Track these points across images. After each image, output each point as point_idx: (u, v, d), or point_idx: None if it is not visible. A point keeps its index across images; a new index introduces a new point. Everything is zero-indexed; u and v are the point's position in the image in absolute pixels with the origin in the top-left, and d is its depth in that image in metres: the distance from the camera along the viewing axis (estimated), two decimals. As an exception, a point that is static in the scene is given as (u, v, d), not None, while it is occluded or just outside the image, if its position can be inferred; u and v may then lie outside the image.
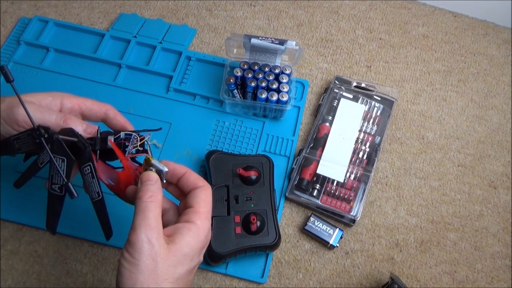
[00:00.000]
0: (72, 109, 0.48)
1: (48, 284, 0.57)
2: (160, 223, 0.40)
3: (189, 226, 0.40)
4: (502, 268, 0.63)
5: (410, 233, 0.64)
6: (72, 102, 0.48)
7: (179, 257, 0.39)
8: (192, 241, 0.40)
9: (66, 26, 0.74)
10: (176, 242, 0.39)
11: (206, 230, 0.42)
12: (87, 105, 0.49)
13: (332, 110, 0.69)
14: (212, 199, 0.44)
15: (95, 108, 0.49)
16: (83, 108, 0.49)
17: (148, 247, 0.38)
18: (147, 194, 0.40)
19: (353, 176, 0.64)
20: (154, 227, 0.38)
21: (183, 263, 0.39)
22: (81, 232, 0.59)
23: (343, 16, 0.81)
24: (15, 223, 0.60)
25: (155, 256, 0.38)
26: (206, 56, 0.73)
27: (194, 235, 0.40)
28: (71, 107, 0.48)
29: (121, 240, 0.59)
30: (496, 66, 0.79)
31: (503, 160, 0.70)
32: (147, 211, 0.39)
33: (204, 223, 0.41)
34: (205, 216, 0.42)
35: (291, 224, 0.63)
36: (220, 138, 0.67)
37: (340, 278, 0.60)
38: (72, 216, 0.60)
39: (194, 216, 0.41)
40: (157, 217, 0.40)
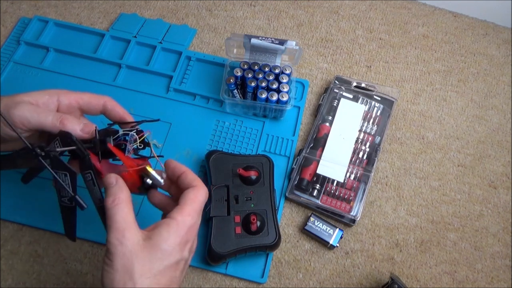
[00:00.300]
0: (69, 106, 0.48)
1: (48, 284, 0.57)
2: (131, 221, 0.40)
3: (168, 221, 0.41)
4: (502, 268, 0.63)
5: (410, 233, 0.64)
6: (69, 98, 0.48)
7: (155, 253, 0.39)
8: (170, 236, 0.40)
9: (66, 26, 0.74)
10: (153, 238, 0.40)
11: (187, 226, 0.41)
12: (84, 99, 0.49)
13: (332, 110, 0.69)
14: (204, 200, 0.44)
15: (92, 102, 0.49)
16: (80, 103, 0.49)
17: (120, 248, 0.38)
18: (109, 199, 0.41)
19: (353, 176, 0.64)
20: (123, 228, 0.39)
21: (161, 259, 0.39)
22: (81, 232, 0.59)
23: (343, 16, 0.81)
24: (15, 223, 0.60)
25: (129, 255, 0.38)
26: (206, 56, 0.73)
27: (173, 231, 0.40)
28: (68, 104, 0.48)
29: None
30: (496, 66, 0.79)
31: (503, 160, 0.70)
32: (113, 215, 0.40)
33: (185, 219, 0.41)
34: (187, 213, 0.41)
35: (291, 224, 0.63)
36: (220, 138, 0.67)
37: (340, 278, 0.60)
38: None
39: (175, 213, 0.41)
40: (125, 217, 0.40)
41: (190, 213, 0.42)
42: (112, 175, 0.43)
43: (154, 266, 0.39)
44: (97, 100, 0.49)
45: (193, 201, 0.43)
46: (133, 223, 0.40)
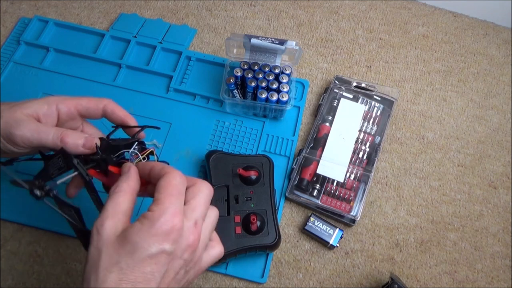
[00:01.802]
0: (69, 113, 0.47)
1: (48, 284, 0.57)
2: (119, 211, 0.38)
3: (144, 213, 0.37)
4: (502, 268, 0.63)
5: (410, 233, 0.64)
6: (68, 105, 0.47)
7: (124, 246, 0.36)
8: (142, 227, 0.36)
9: (66, 26, 0.74)
10: (127, 230, 0.37)
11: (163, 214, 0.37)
12: (82, 105, 0.48)
13: (332, 110, 0.69)
14: (177, 182, 0.39)
15: (91, 107, 0.48)
16: (79, 109, 0.48)
17: (96, 238, 0.37)
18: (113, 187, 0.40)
19: (353, 176, 0.64)
20: (106, 216, 0.37)
21: (131, 252, 0.36)
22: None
23: (343, 16, 0.81)
24: (15, 223, 0.60)
25: (100, 246, 0.36)
26: (206, 56, 0.73)
27: (146, 222, 0.36)
28: (67, 111, 0.47)
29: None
30: (496, 66, 0.79)
31: (503, 160, 0.70)
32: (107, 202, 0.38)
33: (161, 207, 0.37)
34: (162, 201, 0.38)
35: (291, 224, 0.63)
36: (220, 138, 0.67)
37: (340, 278, 0.60)
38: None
39: (151, 205, 0.38)
40: (115, 205, 0.38)
41: (166, 199, 0.38)
42: (128, 165, 0.42)
43: (121, 259, 0.35)
44: (95, 105, 0.48)
45: (165, 187, 0.39)
46: (121, 213, 0.38)
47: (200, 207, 0.40)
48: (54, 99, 0.47)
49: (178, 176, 0.40)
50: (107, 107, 0.48)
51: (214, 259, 0.43)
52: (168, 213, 0.37)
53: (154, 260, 0.36)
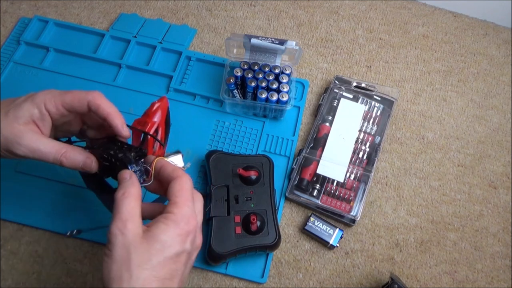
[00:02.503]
0: (58, 112, 0.46)
1: (48, 284, 0.57)
2: (136, 214, 0.40)
3: (166, 215, 0.41)
4: (502, 268, 0.63)
5: (410, 233, 0.64)
6: (54, 104, 0.46)
7: (154, 244, 0.39)
8: (168, 228, 0.40)
9: (66, 26, 0.74)
10: (152, 230, 0.39)
11: (186, 217, 0.41)
12: (67, 102, 0.46)
13: (332, 110, 0.69)
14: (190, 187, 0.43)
15: (75, 104, 0.46)
16: (65, 106, 0.46)
17: (120, 238, 0.38)
18: (120, 192, 0.41)
19: (353, 176, 0.64)
20: (126, 219, 0.39)
21: (160, 250, 0.39)
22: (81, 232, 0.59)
23: (343, 16, 0.81)
24: (15, 223, 0.60)
25: (128, 246, 0.38)
26: (206, 56, 0.73)
27: (170, 222, 0.40)
28: (56, 111, 0.46)
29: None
30: (496, 66, 0.79)
31: (503, 160, 0.70)
32: (120, 206, 0.40)
33: (181, 210, 0.41)
34: (181, 204, 0.41)
35: (291, 224, 0.63)
36: (220, 138, 0.67)
37: (340, 278, 0.60)
38: (73, 216, 0.60)
39: (170, 207, 0.41)
40: (131, 209, 0.40)
41: (185, 203, 0.41)
42: (126, 171, 0.43)
43: (153, 257, 0.38)
44: (79, 102, 0.46)
45: (181, 191, 0.42)
46: (138, 216, 0.40)
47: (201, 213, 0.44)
48: (41, 99, 0.45)
49: (189, 181, 0.44)
50: (91, 104, 0.46)
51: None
52: (189, 216, 0.41)
53: (178, 258, 0.40)
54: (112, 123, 0.46)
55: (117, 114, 0.47)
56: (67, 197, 0.61)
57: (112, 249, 0.38)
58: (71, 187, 0.61)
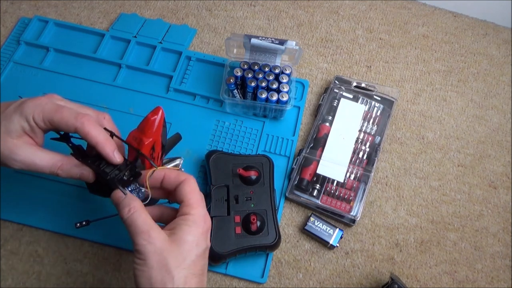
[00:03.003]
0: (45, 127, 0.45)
1: (48, 284, 0.57)
2: (152, 223, 0.42)
3: (185, 217, 0.43)
4: (502, 268, 0.63)
5: (410, 233, 0.64)
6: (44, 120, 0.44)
7: (183, 245, 0.41)
8: (191, 229, 0.42)
9: (66, 26, 0.74)
10: (177, 233, 0.42)
11: (202, 216, 0.44)
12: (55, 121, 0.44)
13: (332, 110, 0.69)
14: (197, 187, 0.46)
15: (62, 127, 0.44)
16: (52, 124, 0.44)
17: (150, 247, 0.40)
18: (124, 210, 0.42)
19: (353, 176, 0.64)
20: (146, 230, 0.41)
21: (190, 250, 0.42)
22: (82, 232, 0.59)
23: (343, 16, 0.81)
24: (15, 223, 0.60)
25: (161, 251, 0.40)
26: (206, 56, 0.73)
27: (192, 223, 0.43)
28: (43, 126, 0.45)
29: (121, 240, 0.59)
30: (496, 66, 0.79)
31: (503, 160, 0.70)
32: (133, 221, 0.41)
33: (198, 211, 0.44)
34: (196, 205, 0.44)
35: (291, 224, 0.63)
36: (220, 138, 0.67)
37: (340, 278, 0.60)
38: (73, 216, 0.60)
39: (187, 209, 0.44)
40: (145, 220, 0.42)
41: (199, 204, 0.44)
42: (118, 191, 0.44)
43: (186, 257, 0.41)
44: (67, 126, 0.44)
45: (192, 193, 0.45)
46: (155, 224, 0.42)
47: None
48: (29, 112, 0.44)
49: (194, 180, 0.46)
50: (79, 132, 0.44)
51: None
52: (205, 215, 0.44)
53: (205, 254, 0.44)
54: (103, 152, 0.44)
55: (106, 142, 0.44)
56: (67, 197, 0.61)
57: (146, 258, 0.40)
58: (71, 187, 0.61)
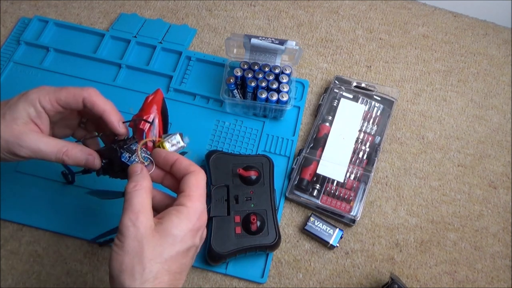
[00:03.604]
0: (53, 109, 0.46)
1: (48, 284, 0.57)
2: (147, 207, 0.40)
3: (178, 208, 0.41)
4: (502, 268, 0.63)
5: (410, 233, 0.64)
6: (49, 101, 0.45)
7: (166, 238, 0.39)
8: (181, 222, 0.40)
9: (66, 26, 0.74)
10: (164, 223, 0.39)
11: (198, 212, 0.41)
12: (62, 99, 0.46)
13: (332, 110, 0.69)
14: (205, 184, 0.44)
15: (70, 101, 0.46)
16: (60, 103, 0.46)
17: (133, 230, 0.38)
18: (131, 184, 0.41)
19: (353, 176, 0.64)
20: (138, 211, 0.39)
21: (172, 244, 0.39)
22: (81, 232, 0.59)
23: (343, 16, 0.81)
24: (15, 223, 0.60)
25: (141, 238, 0.38)
26: (206, 56, 0.73)
27: (183, 217, 0.40)
28: (51, 108, 0.46)
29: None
30: (496, 66, 0.79)
31: (503, 160, 0.70)
32: (131, 199, 0.40)
33: (195, 205, 0.41)
34: (196, 199, 0.41)
35: (291, 224, 0.63)
36: (220, 138, 0.67)
37: (340, 278, 0.60)
38: (73, 216, 0.60)
39: (184, 199, 0.41)
40: (142, 202, 0.40)
41: (199, 199, 0.42)
42: (137, 165, 0.44)
43: (165, 251, 0.38)
44: (74, 98, 0.46)
45: (197, 186, 0.42)
46: (149, 209, 0.40)
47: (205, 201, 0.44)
48: (34, 96, 0.45)
49: (204, 177, 0.44)
50: (86, 101, 0.46)
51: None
52: (201, 212, 0.41)
53: (188, 252, 0.41)
54: (108, 119, 0.46)
55: (113, 110, 0.47)
56: (67, 197, 0.61)
57: (124, 241, 0.38)
58: (71, 187, 0.61)
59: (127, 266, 0.37)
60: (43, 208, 0.60)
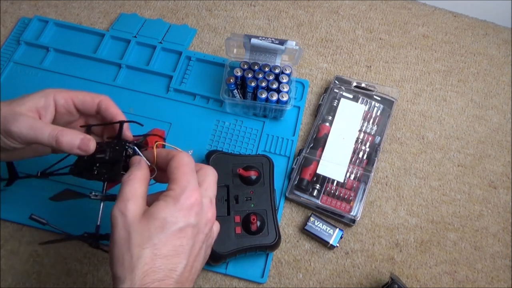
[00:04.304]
0: (65, 106, 0.48)
1: (48, 284, 0.57)
2: (138, 195, 0.40)
3: (165, 192, 0.40)
4: (502, 268, 0.63)
5: (410, 233, 0.64)
6: (65, 97, 0.47)
7: (153, 222, 0.38)
8: (167, 204, 0.39)
9: (66, 26, 0.74)
10: (151, 209, 0.39)
11: (185, 191, 0.40)
12: (79, 98, 0.48)
13: (332, 110, 0.69)
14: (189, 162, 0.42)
15: (87, 100, 0.48)
16: (75, 101, 0.48)
17: (121, 219, 0.38)
18: (126, 175, 0.41)
19: (353, 176, 0.64)
20: (127, 199, 0.39)
21: (160, 227, 0.38)
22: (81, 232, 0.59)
23: (343, 16, 0.81)
24: (15, 223, 0.60)
25: (128, 226, 0.37)
26: (206, 56, 0.73)
27: (170, 199, 0.39)
28: (64, 103, 0.47)
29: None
30: (496, 66, 0.79)
31: (503, 160, 0.70)
32: (123, 188, 0.40)
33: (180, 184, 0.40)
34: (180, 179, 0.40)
35: (291, 224, 0.63)
36: (220, 138, 0.67)
37: (340, 278, 0.60)
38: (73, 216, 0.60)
39: (170, 184, 0.41)
40: (133, 190, 0.40)
41: (183, 177, 0.40)
42: (137, 157, 0.44)
43: (153, 235, 0.37)
44: (91, 99, 0.48)
45: (179, 168, 0.41)
46: (140, 197, 0.40)
47: (211, 187, 0.43)
48: (51, 91, 0.47)
49: (186, 156, 0.42)
50: (102, 103, 0.48)
51: (216, 234, 0.46)
52: (188, 189, 0.40)
53: (183, 233, 0.39)
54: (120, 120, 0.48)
55: (123, 117, 0.48)
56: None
57: (114, 231, 0.38)
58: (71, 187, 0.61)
59: (118, 257, 0.37)
60: (43, 208, 0.60)
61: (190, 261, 0.39)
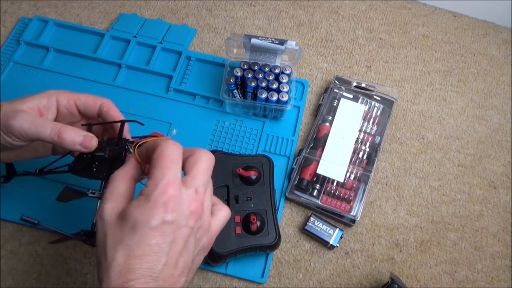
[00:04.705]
0: (68, 106, 0.48)
1: (48, 284, 0.57)
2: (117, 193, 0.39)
3: (141, 190, 0.38)
4: (502, 268, 0.63)
5: (410, 233, 0.64)
6: (67, 98, 0.48)
7: (126, 222, 0.36)
8: (139, 203, 0.37)
9: (66, 26, 0.75)
10: (126, 208, 0.37)
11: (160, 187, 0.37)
12: (81, 99, 0.49)
13: (332, 110, 0.69)
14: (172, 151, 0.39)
15: (89, 102, 0.49)
16: (78, 102, 0.48)
17: (100, 223, 0.38)
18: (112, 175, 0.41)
19: (353, 176, 0.64)
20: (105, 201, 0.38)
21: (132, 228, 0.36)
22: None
23: (343, 16, 0.81)
24: (15, 223, 0.60)
25: (105, 229, 0.37)
26: (206, 56, 0.73)
27: (142, 197, 0.37)
28: (66, 104, 0.48)
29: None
30: (496, 66, 0.79)
31: (503, 160, 0.70)
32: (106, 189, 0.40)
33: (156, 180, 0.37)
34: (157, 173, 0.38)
35: (291, 224, 0.63)
36: (220, 138, 0.67)
37: (340, 278, 0.60)
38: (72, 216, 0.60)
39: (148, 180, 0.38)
40: (112, 190, 0.39)
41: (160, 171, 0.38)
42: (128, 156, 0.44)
43: (125, 237, 0.36)
44: (93, 101, 0.49)
45: (157, 160, 0.38)
46: (119, 196, 0.39)
47: (199, 175, 0.40)
48: (54, 91, 0.48)
49: (170, 145, 0.39)
50: (104, 106, 0.49)
51: (223, 222, 0.44)
52: (161, 185, 0.37)
53: (157, 232, 0.36)
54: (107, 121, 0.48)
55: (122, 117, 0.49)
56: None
57: (96, 234, 0.38)
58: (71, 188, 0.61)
59: (98, 259, 0.37)
60: (43, 208, 0.60)
61: (171, 257, 0.37)
